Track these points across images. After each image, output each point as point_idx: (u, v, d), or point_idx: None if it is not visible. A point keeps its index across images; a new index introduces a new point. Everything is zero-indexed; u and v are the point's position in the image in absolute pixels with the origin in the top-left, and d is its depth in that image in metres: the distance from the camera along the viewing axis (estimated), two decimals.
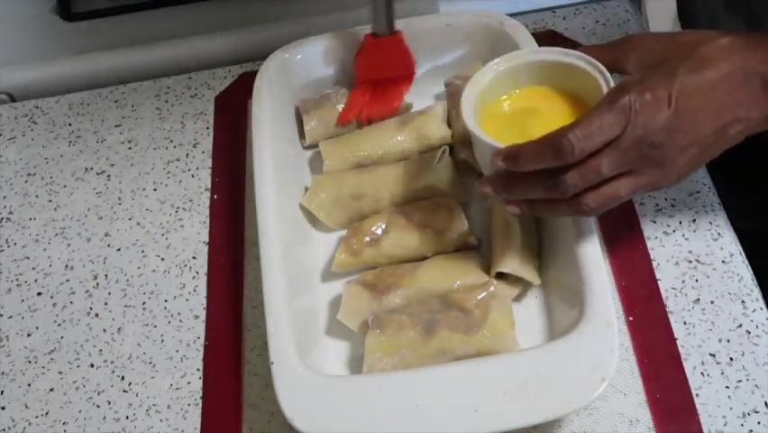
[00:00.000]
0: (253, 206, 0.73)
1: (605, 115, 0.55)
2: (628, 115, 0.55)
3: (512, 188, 0.61)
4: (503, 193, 0.61)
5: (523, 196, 0.61)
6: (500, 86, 0.67)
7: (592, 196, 0.58)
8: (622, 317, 0.69)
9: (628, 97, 0.55)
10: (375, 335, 0.65)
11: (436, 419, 0.58)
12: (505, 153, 0.59)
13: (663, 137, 0.56)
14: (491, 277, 0.69)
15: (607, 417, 0.64)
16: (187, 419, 0.69)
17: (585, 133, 0.55)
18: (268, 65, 0.81)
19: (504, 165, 0.59)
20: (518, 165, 0.58)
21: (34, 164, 0.88)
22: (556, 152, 0.56)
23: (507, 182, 0.61)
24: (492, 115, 0.66)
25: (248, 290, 0.75)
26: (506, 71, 0.66)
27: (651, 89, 0.56)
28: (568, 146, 0.55)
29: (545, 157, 0.57)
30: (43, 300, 0.77)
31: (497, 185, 0.61)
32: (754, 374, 0.66)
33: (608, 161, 0.56)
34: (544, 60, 0.66)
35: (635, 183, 0.58)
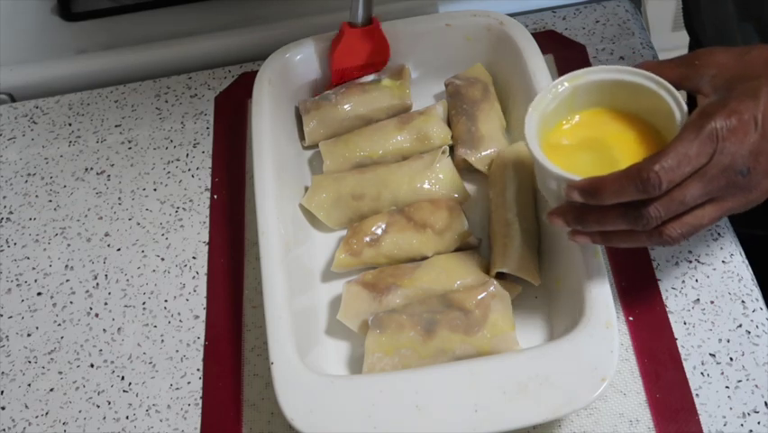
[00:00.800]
0: (253, 206, 0.73)
1: (692, 143, 0.53)
2: (716, 143, 0.53)
3: (588, 220, 0.57)
4: (577, 226, 0.58)
5: (599, 228, 0.58)
6: (561, 108, 0.63)
7: (675, 225, 0.55)
8: (622, 317, 0.69)
9: (714, 124, 0.53)
10: (375, 335, 0.65)
11: (436, 419, 0.58)
12: (583, 187, 0.56)
13: (750, 162, 0.54)
14: (491, 277, 0.69)
15: (607, 417, 0.64)
16: (187, 419, 0.69)
17: (672, 164, 0.52)
18: (268, 65, 0.81)
19: (581, 199, 0.56)
20: (599, 199, 0.55)
21: (34, 164, 0.88)
22: (642, 186, 0.53)
23: (582, 215, 0.57)
24: (556, 141, 0.63)
25: (248, 290, 0.75)
26: (566, 92, 0.62)
27: (737, 114, 0.53)
28: (654, 179, 0.52)
29: (629, 190, 0.53)
30: (43, 300, 0.77)
31: (570, 217, 0.58)
32: (754, 374, 0.66)
33: (694, 191, 0.54)
34: (607, 80, 0.62)
35: (719, 210, 0.56)
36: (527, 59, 0.77)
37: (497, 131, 0.78)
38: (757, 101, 0.54)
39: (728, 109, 0.53)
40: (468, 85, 0.81)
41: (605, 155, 0.59)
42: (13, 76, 0.94)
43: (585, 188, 0.56)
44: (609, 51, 0.88)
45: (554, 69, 0.86)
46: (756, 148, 0.54)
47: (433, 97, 0.85)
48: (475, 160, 0.77)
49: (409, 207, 0.74)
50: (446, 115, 0.81)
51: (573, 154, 0.62)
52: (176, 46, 0.94)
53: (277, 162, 0.74)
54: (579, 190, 0.56)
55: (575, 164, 0.59)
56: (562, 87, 0.62)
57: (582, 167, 0.58)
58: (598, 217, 0.57)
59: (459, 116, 0.79)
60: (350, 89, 0.82)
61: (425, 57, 0.84)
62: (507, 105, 0.81)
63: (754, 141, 0.53)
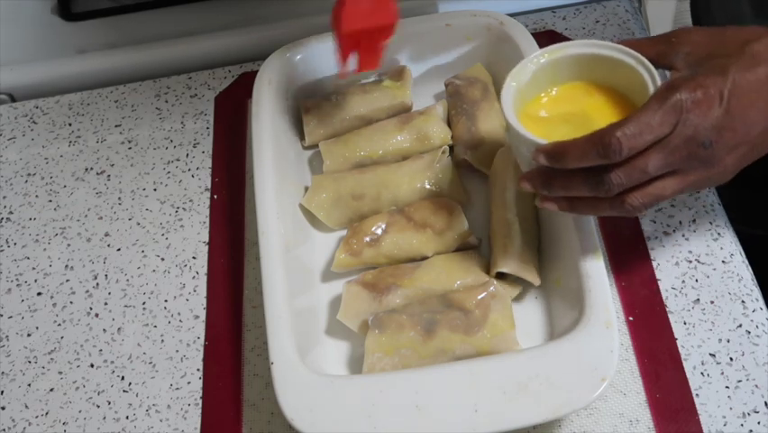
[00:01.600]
0: (253, 206, 0.73)
1: (655, 113, 0.54)
2: (679, 114, 0.54)
3: (554, 185, 0.59)
4: (543, 190, 0.60)
5: (564, 193, 0.59)
6: (540, 80, 0.65)
7: (637, 195, 0.57)
8: (622, 317, 0.69)
9: (679, 96, 0.54)
10: (375, 335, 0.65)
11: (436, 419, 0.58)
12: (548, 150, 0.57)
13: (713, 136, 0.55)
14: (491, 277, 0.69)
15: (607, 417, 0.64)
16: (187, 419, 0.69)
17: (634, 131, 0.54)
18: (268, 65, 0.81)
19: (547, 162, 0.58)
20: (562, 163, 0.57)
21: (34, 164, 0.88)
22: (603, 151, 0.54)
23: (549, 179, 0.59)
24: (533, 112, 0.64)
25: (248, 290, 0.75)
26: (546, 65, 0.64)
27: (703, 87, 0.54)
28: (616, 145, 0.54)
29: (591, 155, 0.55)
30: (43, 300, 0.77)
31: (537, 181, 0.60)
32: (754, 374, 0.66)
33: (656, 161, 0.55)
34: (586, 54, 0.63)
35: (681, 182, 0.57)
36: None
37: (497, 131, 0.78)
38: (725, 77, 0.55)
39: (695, 82, 0.55)
40: (468, 85, 0.81)
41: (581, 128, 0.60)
42: (13, 76, 0.94)
43: (550, 152, 0.57)
44: None
45: None
46: (720, 122, 0.55)
47: (433, 97, 0.85)
48: (475, 160, 0.77)
49: (409, 207, 0.74)
50: (446, 114, 0.81)
51: (550, 126, 0.63)
52: (176, 46, 0.94)
53: (277, 162, 0.74)
54: (544, 154, 0.57)
55: (551, 135, 0.60)
56: (542, 60, 0.64)
57: (553, 134, 0.60)
58: (563, 182, 0.58)
59: (459, 116, 0.79)
60: (351, 90, 0.82)
61: (425, 57, 0.84)
62: None
63: (718, 115, 0.54)
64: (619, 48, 0.62)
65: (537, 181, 0.60)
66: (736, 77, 0.55)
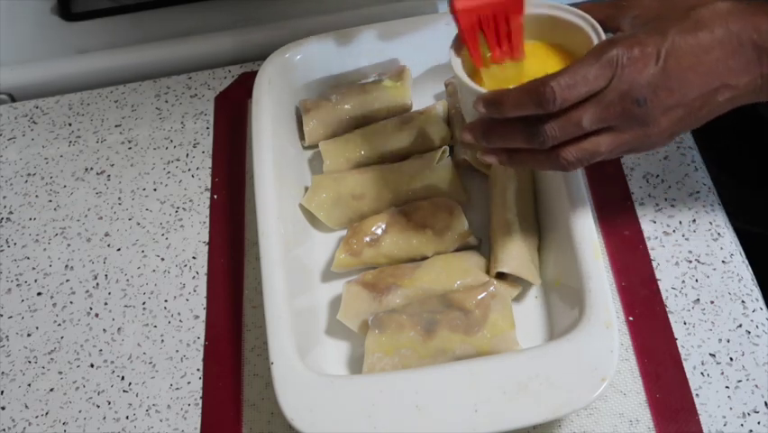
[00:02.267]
0: (253, 206, 0.73)
1: (591, 66, 0.55)
2: (615, 69, 0.55)
3: (492, 135, 0.60)
4: (483, 141, 0.61)
5: (502, 144, 0.60)
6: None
7: (571, 149, 0.58)
8: (622, 317, 0.69)
9: (616, 51, 0.55)
10: (375, 335, 0.65)
11: (436, 419, 0.58)
12: (487, 99, 0.58)
13: (648, 94, 0.55)
14: (491, 277, 0.69)
15: (607, 417, 0.64)
16: (187, 419, 0.69)
17: (568, 82, 0.55)
18: (268, 65, 0.81)
19: (485, 111, 0.58)
20: (500, 111, 0.58)
21: (34, 164, 0.88)
22: (538, 100, 0.55)
23: (488, 129, 0.60)
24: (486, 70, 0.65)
25: (248, 290, 0.75)
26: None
27: (640, 45, 0.55)
28: (550, 94, 0.54)
29: (527, 104, 0.56)
30: (43, 300, 0.77)
31: (477, 132, 0.61)
32: (754, 374, 0.66)
33: (590, 114, 0.56)
34: (536, 15, 0.65)
35: (616, 140, 0.57)
36: None
37: None
38: (664, 37, 0.56)
39: (633, 39, 0.56)
40: None
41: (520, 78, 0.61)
42: (13, 76, 0.94)
43: (489, 100, 0.58)
44: None
45: None
46: (655, 81, 0.55)
47: (433, 97, 0.85)
48: (475, 160, 0.77)
49: (409, 207, 0.74)
50: (446, 114, 0.81)
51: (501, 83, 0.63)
52: (176, 46, 0.94)
53: (277, 162, 0.74)
54: (483, 101, 0.58)
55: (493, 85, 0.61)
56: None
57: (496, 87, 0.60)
58: (501, 133, 0.59)
59: (459, 116, 0.79)
60: (350, 89, 0.82)
61: (425, 57, 0.84)
62: None
63: (654, 73, 0.55)
64: (572, 10, 0.64)
65: (478, 132, 0.61)
66: (675, 38, 0.56)
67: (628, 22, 0.60)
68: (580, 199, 0.67)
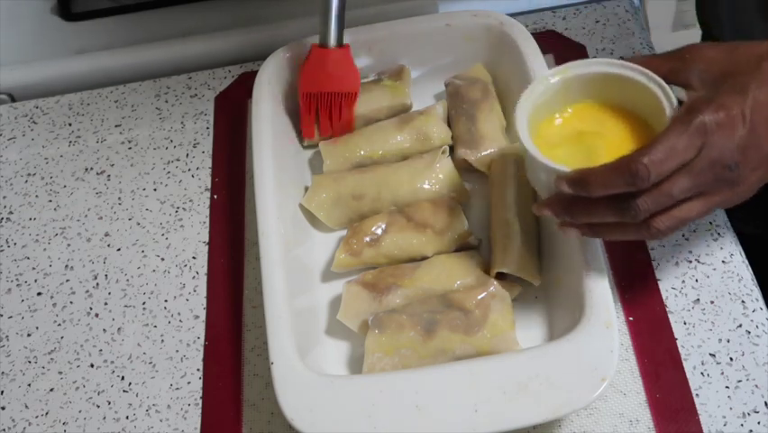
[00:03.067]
0: (253, 206, 0.73)
1: (680, 137, 0.53)
2: (704, 137, 0.53)
3: (576, 212, 0.58)
4: (565, 217, 0.59)
5: (588, 220, 0.58)
6: (551, 101, 0.64)
7: (663, 219, 0.55)
8: (622, 317, 0.69)
9: (703, 118, 0.53)
10: (375, 335, 0.65)
11: (436, 419, 0.58)
12: (572, 179, 0.56)
13: (738, 157, 0.54)
14: (491, 277, 0.69)
15: (607, 417, 0.64)
16: (187, 419, 0.69)
17: (660, 156, 0.53)
18: (268, 65, 0.81)
19: (570, 190, 0.56)
20: (587, 191, 0.55)
21: (34, 164, 0.88)
22: (630, 178, 0.53)
23: (571, 206, 0.58)
24: (547, 133, 0.63)
25: (248, 290, 0.75)
26: (557, 85, 0.63)
27: (725, 109, 0.54)
28: (643, 172, 0.53)
29: (618, 182, 0.54)
30: (43, 300, 0.77)
31: (558, 209, 0.59)
32: (754, 374, 0.66)
33: (681, 185, 0.54)
34: (598, 73, 0.62)
35: (706, 204, 0.56)
36: (527, 60, 0.77)
37: (497, 131, 0.78)
38: (745, 96, 0.54)
39: (716, 104, 0.54)
40: (468, 85, 0.81)
41: (596, 148, 0.60)
42: (13, 76, 0.94)
43: (574, 180, 0.56)
44: (609, 51, 0.88)
45: None
46: (744, 142, 0.54)
47: (433, 97, 0.85)
48: (475, 160, 0.77)
49: (409, 207, 0.74)
50: (446, 114, 0.81)
51: (564, 147, 0.62)
52: (176, 46, 0.94)
53: (277, 162, 0.74)
54: (568, 182, 0.56)
55: (566, 157, 0.60)
56: (554, 80, 0.63)
57: (573, 159, 0.59)
58: (586, 209, 0.57)
59: (459, 116, 0.79)
60: None
61: (425, 57, 0.84)
62: (507, 105, 0.81)
63: (742, 135, 0.54)
64: (631, 66, 0.61)
65: (558, 208, 0.59)
66: (756, 93, 0.54)
67: (696, 76, 0.58)
68: None
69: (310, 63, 0.77)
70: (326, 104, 0.78)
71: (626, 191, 0.54)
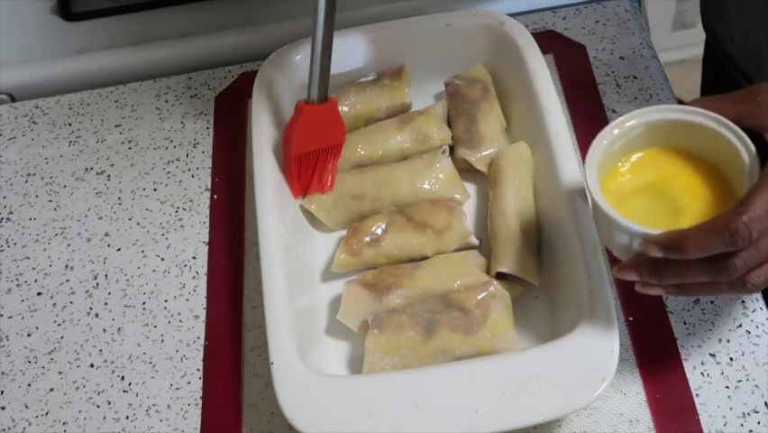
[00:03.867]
0: (253, 206, 0.73)
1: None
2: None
3: (666, 274, 0.54)
4: (653, 280, 0.55)
5: (679, 281, 0.54)
6: (615, 152, 0.60)
7: (758, 273, 0.52)
8: (622, 317, 0.69)
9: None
10: (375, 335, 0.65)
11: (436, 419, 0.58)
12: (664, 243, 0.52)
13: None
14: (491, 277, 0.69)
15: (607, 417, 0.64)
16: (187, 419, 0.69)
17: (759, 213, 0.50)
18: (268, 65, 0.81)
19: (662, 254, 0.53)
20: (682, 254, 0.52)
21: (34, 164, 0.88)
22: (731, 239, 0.50)
23: (659, 269, 0.54)
24: (613, 186, 0.60)
25: (248, 290, 0.75)
26: (619, 136, 0.59)
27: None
28: (744, 231, 0.49)
29: (716, 244, 0.50)
30: (43, 300, 0.77)
31: (645, 271, 0.55)
32: (754, 374, 0.66)
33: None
34: (665, 120, 0.59)
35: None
36: (527, 59, 0.77)
37: (497, 131, 0.78)
38: None
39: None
40: (468, 85, 0.81)
41: (668, 199, 0.57)
42: (13, 76, 0.94)
43: (667, 244, 0.52)
44: (609, 51, 0.88)
45: (554, 69, 0.86)
46: None
47: (433, 97, 0.85)
48: (475, 160, 0.77)
49: (409, 207, 0.74)
50: (446, 114, 0.81)
51: (637, 198, 0.59)
52: (176, 46, 0.94)
53: (277, 162, 0.74)
54: (659, 246, 0.53)
55: (642, 210, 0.57)
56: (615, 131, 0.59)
57: (651, 213, 0.56)
58: (677, 271, 0.54)
59: (459, 116, 0.79)
60: (349, 89, 0.82)
61: (425, 57, 0.84)
62: (507, 106, 0.81)
63: None
64: (698, 111, 0.57)
65: (645, 271, 0.55)
66: None
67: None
68: (579, 199, 0.67)
69: (301, 123, 0.72)
70: (314, 160, 0.75)
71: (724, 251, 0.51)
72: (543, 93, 0.74)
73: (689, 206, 0.56)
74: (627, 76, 0.86)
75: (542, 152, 0.73)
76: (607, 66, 0.87)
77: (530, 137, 0.76)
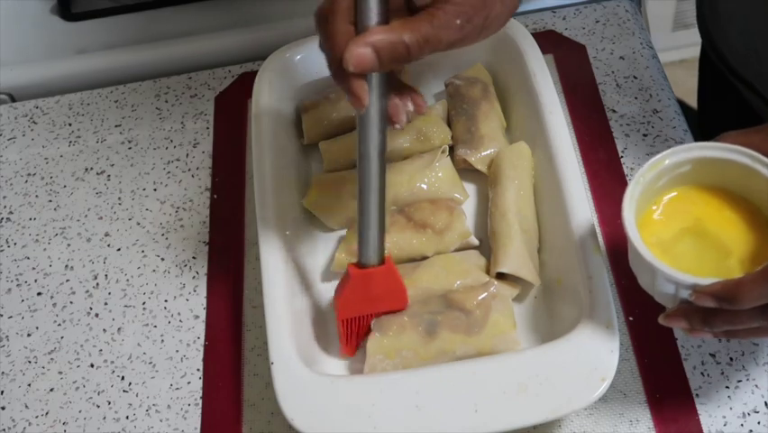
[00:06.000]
0: (253, 206, 0.73)
1: None
2: None
3: (716, 322, 0.53)
4: (704, 328, 0.54)
5: (729, 328, 0.53)
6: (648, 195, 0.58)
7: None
8: (622, 317, 0.69)
9: None
10: (376, 337, 0.65)
11: (436, 419, 0.58)
12: (718, 293, 0.51)
13: None
14: (491, 277, 0.69)
15: (607, 417, 0.64)
16: (187, 419, 0.69)
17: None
18: (268, 65, 0.81)
19: (714, 305, 0.51)
20: (737, 305, 0.50)
21: (34, 164, 0.88)
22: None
23: (710, 317, 0.53)
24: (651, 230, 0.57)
25: (248, 290, 0.75)
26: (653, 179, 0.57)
27: None
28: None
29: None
30: (43, 300, 0.77)
31: (696, 321, 0.54)
32: (753, 374, 0.66)
33: None
34: (698, 158, 0.57)
35: None
36: (527, 60, 0.77)
37: (497, 131, 0.78)
38: None
39: None
40: (468, 85, 0.81)
41: (709, 241, 0.56)
42: (13, 76, 0.94)
43: (720, 295, 0.51)
44: (609, 51, 0.88)
45: (554, 68, 0.86)
46: None
47: (433, 97, 0.85)
48: (475, 160, 0.77)
49: (409, 207, 0.74)
50: (446, 114, 0.81)
51: (678, 245, 0.57)
52: (176, 46, 0.94)
53: (277, 163, 0.74)
54: (712, 297, 0.51)
55: (683, 257, 0.55)
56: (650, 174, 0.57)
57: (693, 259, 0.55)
58: (729, 319, 0.53)
59: (459, 116, 0.79)
60: None
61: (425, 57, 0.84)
62: (507, 106, 0.81)
63: None
64: (730, 147, 0.56)
65: (695, 320, 0.54)
66: None
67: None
68: (580, 199, 0.67)
69: (350, 289, 0.64)
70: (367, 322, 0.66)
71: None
72: (543, 93, 0.74)
73: (734, 246, 0.55)
74: (627, 76, 0.86)
75: (542, 151, 0.73)
76: (607, 66, 0.87)
77: (530, 137, 0.76)
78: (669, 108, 0.82)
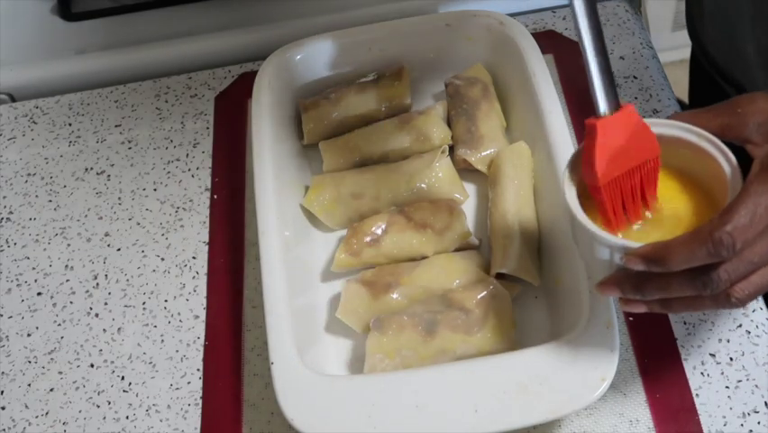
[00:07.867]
0: (253, 206, 0.73)
1: (760, 197, 0.49)
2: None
3: (648, 289, 0.53)
4: (636, 295, 0.53)
5: (662, 296, 0.53)
6: None
7: (742, 286, 0.51)
8: (622, 317, 0.69)
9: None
10: (376, 336, 0.65)
11: (436, 419, 0.58)
12: (647, 255, 0.51)
13: None
14: (491, 277, 0.69)
15: (607, 417, 0.64)
16: (187, 419, 0.69)
17: (744, 222, 0.48)
18: (268, 65, 0.81)
19: (644, 267, 0.51)
20: (666, 267, 0.50)
21: (34, 164, 0.88)
22: (715, 249, 0.48)
23: (642, 283, 0.53)
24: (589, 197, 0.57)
25: (248, 290, 0.75)
26: None
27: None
28: (728, 241, 0.48)
29: (700, 255, 0.49)
30: (43, 300, 0.77)
31: (627, 287, 0.53)
32: (754, 374, 0.66)
33: (762, 250, 0.49)
34: None
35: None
36: (527, 60, 0.77)
37: (497, 131, 0.78)
38: None
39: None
40: (468, 85, 0.81)
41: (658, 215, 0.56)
42: (13, 76, 0.94)
43: (649, 256, 0.51)
44: (609, 51, 0.88)
45: (554, 68, 0.86)
46: None
47: (433, 97, 0.85)
48: (475, 160, 0.77)
49: (409, 207, 0.74)
50: (446, 114, 0.81)
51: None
52: (176, 46, 0.94)
53: (277, 162, 0.74)
54: (642, 258, 0.51)
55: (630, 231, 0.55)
56: None
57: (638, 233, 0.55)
58: (660, 285, 0.52)
59: (459, 116, 0.79)
60: (349, 89, 0.82)
61: (425, 57, 0.84)
62: (507, 106, 0.81)
63: None
64: (677, 125, 0.56)
65: (627, 287, 0.53)
66: None
67: (755, 131, 0.53)
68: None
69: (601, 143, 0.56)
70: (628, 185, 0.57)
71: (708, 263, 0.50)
72: (543, 93, 0.74)
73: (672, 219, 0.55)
74: (627, 76, 0.86)
75: (542, 151, 0.73)
76: None
77: (530, 137, 0.76)
78: (669, 108, 0.82)
